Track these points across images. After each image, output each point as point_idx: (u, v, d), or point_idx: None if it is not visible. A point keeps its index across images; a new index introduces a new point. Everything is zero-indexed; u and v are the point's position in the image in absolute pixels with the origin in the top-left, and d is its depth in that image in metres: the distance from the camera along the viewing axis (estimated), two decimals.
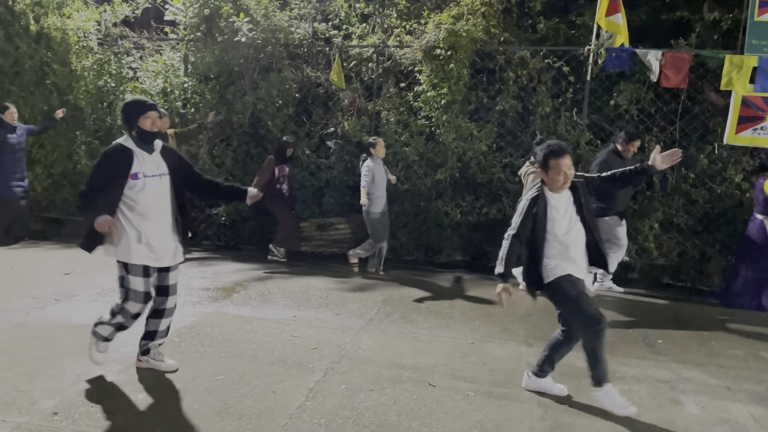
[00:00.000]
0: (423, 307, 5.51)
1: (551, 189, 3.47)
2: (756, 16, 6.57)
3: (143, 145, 3.50)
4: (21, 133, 7.56)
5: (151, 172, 3.49)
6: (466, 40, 7.04)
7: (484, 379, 3.93)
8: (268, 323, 4.80)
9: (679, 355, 4.58)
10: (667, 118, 7.13)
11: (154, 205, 3.50)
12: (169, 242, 3.59)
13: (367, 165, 6.60)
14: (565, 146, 3.47)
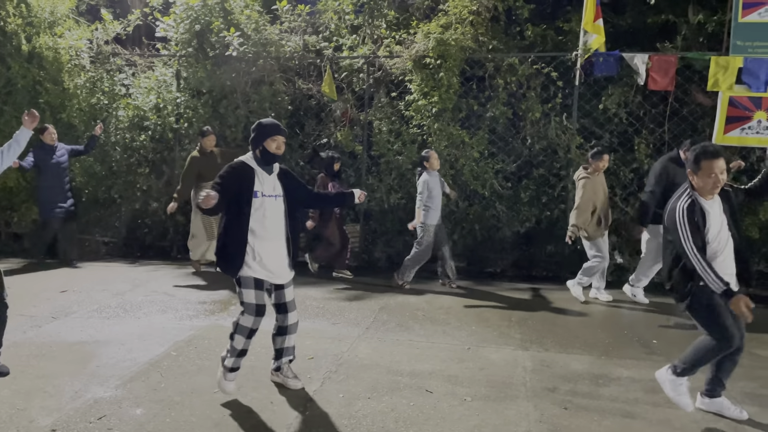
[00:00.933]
0: (419, 314, 5.54)
1: (701, 194, 3.32)
2: (740, 18, 6.66)
3: (264, 166, 3.59)
4: (62, 153, 7.35)
5: (269, 192, 3.57)
6: (455, 49, 7.12)
7: (481, 383, 3.96)
8: (265, 335, 4.76)
9: (674, 354, 4.57)
10: (655, 120, 7.21)
11: (269, 224, 3.57)
12: (281, 261, 3.64)
13: (424, 179, 6.41)
14: (720, 149, 3.36)
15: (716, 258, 3.30)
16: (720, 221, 3.34)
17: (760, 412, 3.59)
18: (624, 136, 7.30)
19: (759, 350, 4.74)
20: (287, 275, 3.69)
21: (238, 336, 3.61)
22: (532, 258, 7.54)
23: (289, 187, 3.69)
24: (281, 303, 3.71)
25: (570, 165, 7.16)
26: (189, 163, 6.78)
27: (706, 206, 3.32)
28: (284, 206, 3.64)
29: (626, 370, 4.25)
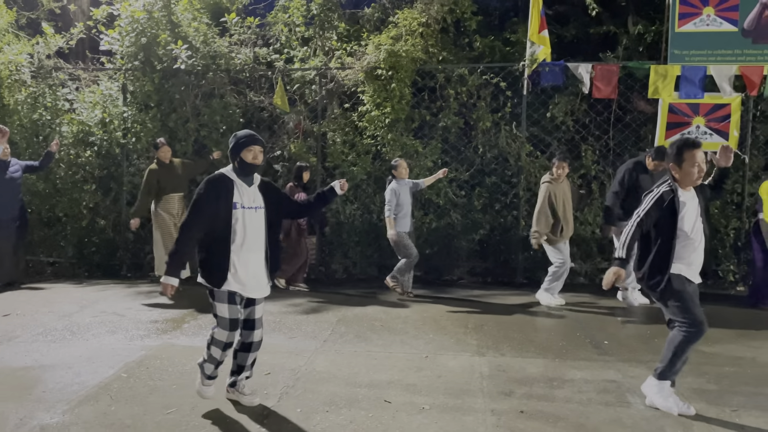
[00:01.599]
0: (377, 325, 5.53)
1: (682, 185, 3.50)
2: (677, 28, 6.98)
3: (243, 177, 3.55)
4: (16, 169, 7.05)
5: (249, 204, 3.53)
6: (406, 60, 7.20)
7: (438, 391, 3.97)
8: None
9: (625, 354, 4.74)
10: (600, 127, 7.45)
11: (249, 236, 3.52)
12: (258, 274, 3.58)
13: (391, 188, 6.42)
14: (700, 141, 3.54)
15: (692, 248, 3.49)
16: (696, 213, 3.51)
17: (707, 408, 3.72)
18: (571, 144, 7.51)
19: (704, 347, 4.91)
20: (263, 290, 3.62)
21: (214, 347, 3.59)
22: (487, 265, 7.65)
23: (270, 198, 3.63)
24: (250, 319, 3.65)
25: (521, 172, 7.33)
26: (147, 176, 6.66)
27: (684, 197, 3.49)
28: (265, 218, 3.59)
29: (579, 372, 4.34)
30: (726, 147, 3.56)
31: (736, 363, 4.54)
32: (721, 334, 5.26)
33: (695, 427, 3.45)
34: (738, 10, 6.85)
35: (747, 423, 3.49)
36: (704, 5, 6.88)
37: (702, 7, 6.89)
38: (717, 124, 6.93)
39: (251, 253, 3.54)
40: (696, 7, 6.89)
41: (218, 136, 7.58)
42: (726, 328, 5.44)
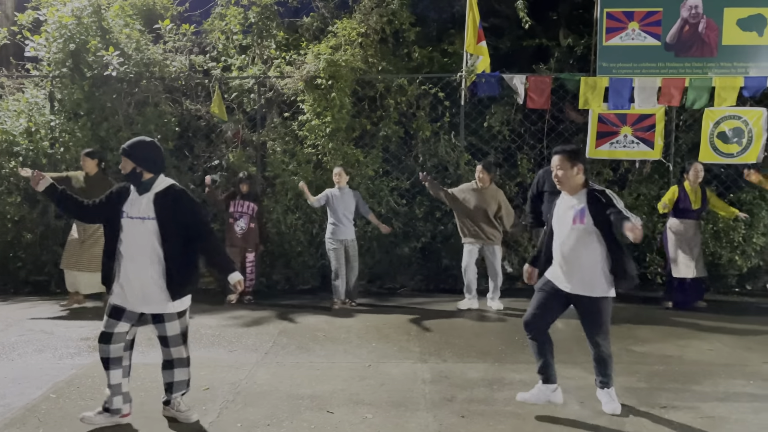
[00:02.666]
0: (320, 335, 5.48)
1: (562, 189, 3.72)
2: (604, 42, 7.31)
3: (135, 187, 3.50)
4: None
5: (135, 214, 3.44)
6: (345, 70, 7.22)
7: (382, 400, 3.97)
8: (156, 368, 4.52)
9: (561, 356, 4.84)
10: (535, 136, 7.69)
11: (134, 247, 3.43)
12: (146, 288, 3.42)
13: (327, 191, 6.55)
14: (561, 148, 3.69)
15: (558, 253, 3.69)
16: (564, 215, 3.65)
17: (638, 405, 3.88)
18: (508, 152, 7.71)
19: (635, 347, 5.14)
20: (156, 305, 3.44)
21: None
22: (429, 272, 7.72)
23: (164, 210, 3.43)
24: (161, 336, 3.55)
25: (460, 181, 7.44)
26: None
27: (563, 201, 3.72)
28: (156, 230, 3.41)
29: (518, 375, 4.44)
30: (633, 227, 3.29)
31: (664, 361, 4.75)
32: (651, 334, 5.51)
33: (627, 425, 3.59)
34: (661, 25, 7.24)
35: (675, 419, 3.66)
36: (629, 20, 7.24)
37: (627, 21, 7.24)
38: (643, 134, 7.28)
39: (135, 265, 3.42)
40: (622, 21, 7.24)
41: None
42: (655, 328, 5.69)
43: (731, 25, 7.16)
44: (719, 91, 7.10)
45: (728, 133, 7.17)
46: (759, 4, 7.10)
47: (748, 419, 3.64)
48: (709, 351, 5.02)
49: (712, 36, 7.17)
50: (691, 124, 7.56)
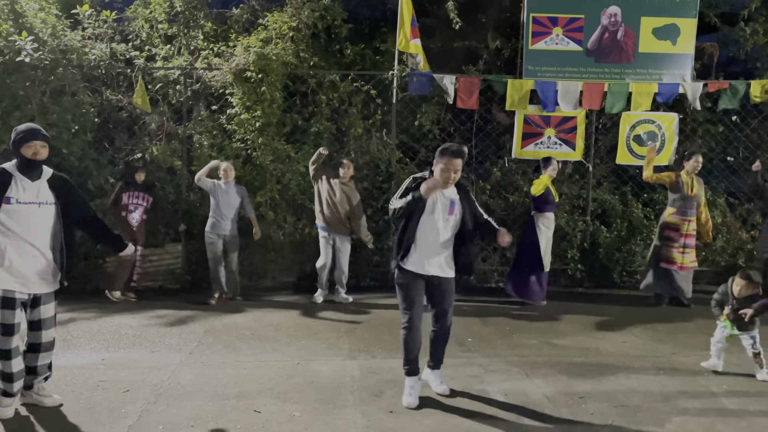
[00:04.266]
0: (247, 334, 5.38)
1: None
2: (530, 45, 7.54)
3: (26, 172, 3.48)
4: None
5: (29, 199, 3.45)
6: (276, 64, 7.11)
7: (310, 397, 3.94)
8: (72, 370, 4.35)
9: (486, 350, 5.02)
10: (464, 136, 7.84)
11: (29, 232, 3.44)
12: (40, 269, 3.49)
13: (215, 181, 6.48)
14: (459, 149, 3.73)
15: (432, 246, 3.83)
16: (437, 209, 3.78)
17: (557, 396, 4.03)
18: None
19: (556, 340, 5.34)
20: (47, 285, 3.55)
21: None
22: (359, 269, 7.73)
23: (60, 196, 3.58)
24: (35, 320, 3.57)
25: (392, 178, 7.50)
26: None
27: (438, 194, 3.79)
28: (54, 214, 3.54)
29: (445, 369, 4.49)
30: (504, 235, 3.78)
31: (582, 354, 4.96)
32: (570, 328, 5.74)
33: (547, 415, 3.72)
34: (583, 31, 7.54)
35: (592, 408, 3.83)
36: (554, 25, 7.50)
37: (552, 27, 7.50)
38: (565, 135, 7.57)
39: (31, 248, 3.46)
40: (547, 26, 7.49)
41: (69, 136, 6.97)
42: (575, 322, 5.93)
43: (647, 34, 7.56)
44: (635, 96, 7.48)
45: (643, 136, 7.58)
46: (673, 15, 7.53)
47: (658, 407, 3.86)
48: (624, 343, 5.29)
49: (630, 43, 7.54)
50: (610, 127, 7.93)
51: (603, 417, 3.69)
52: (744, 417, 3.72)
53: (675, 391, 4.15)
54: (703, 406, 3.90)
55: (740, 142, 8.09)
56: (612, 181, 8.04)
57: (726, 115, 8.14)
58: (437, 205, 3.79)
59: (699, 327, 5.83)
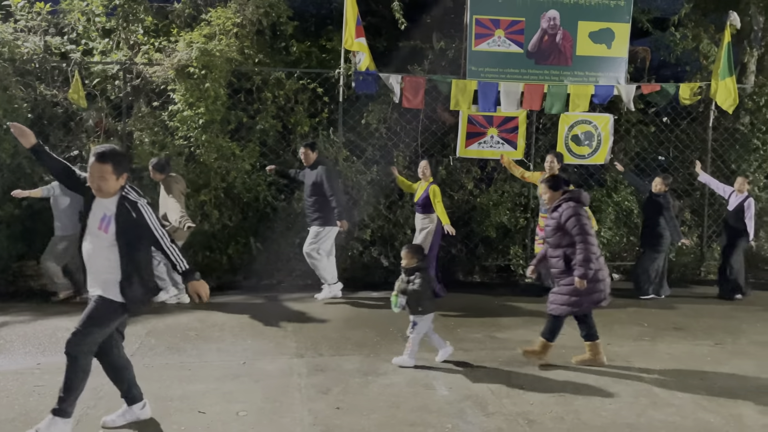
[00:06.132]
0: (191, 335, 5.29)
1: None
2: (473, 47, 7.69)
3: None
4: None
5: None
6: (220, 60, 7.00)
7: (256, 397, 3.93)
8: (6, 375, 4.19)
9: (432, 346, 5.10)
10: (410, 135, 7.94)
11: None
12: None
13: (53, 184, 6.27)
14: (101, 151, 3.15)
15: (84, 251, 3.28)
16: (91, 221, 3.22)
17: (499, 388, 4.16)
18: (385, 149, 7.89)
19: (499, 334, 5.50)
20: None
21: None
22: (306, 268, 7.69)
23: None
24: None
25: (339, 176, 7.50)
26: None
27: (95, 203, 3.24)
28: None
29: (392, 364, 4.58)
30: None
31: (524, 346, 5.11)
32: (513, 322, 5.92)
33: (490, 406, 3.84)
34: (523, 33, 7.76)
35: (532, 399, 3.98)
36: (496, 27, 7.68)
37: (494, 29, 7.68)
38: (507, 135, 7.78)
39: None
40: (489, 28, 7.67)
41: (1, 132, 6.66)
42: (517, 316, 6.11)
43: (584, 38, 7.84)
44: (573, 97, 7.75)
45: (580, 136, 7.87)
46: (608, 19, 7.84)
47: (594, 395, 4.04)
48: (562, 335, 5.45)
49: (568, 46, 7.81)
50: (549, 127, 8.19)
51: (543, 407, 3.84)
52: (672, 403, 3.94)
53: (609, 380, 4.35)
54: (635, 393, 4.10)
55: (671, 142, 8.51)
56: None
57: (657, 116, 8.56)
58: (91, 217, 3.23)
59: (633, 318, 6.13)
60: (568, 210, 4.47)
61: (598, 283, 4.47)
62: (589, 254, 4.36)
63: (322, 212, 6.56)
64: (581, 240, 4.38)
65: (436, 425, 3.55)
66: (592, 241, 4.42)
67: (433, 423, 3.58)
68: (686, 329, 5.75)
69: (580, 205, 4.53)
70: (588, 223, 4.49)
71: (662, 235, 6.99)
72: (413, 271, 4.55)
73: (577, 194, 4.59)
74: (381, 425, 3.55)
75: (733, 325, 5.90)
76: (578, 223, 4.41)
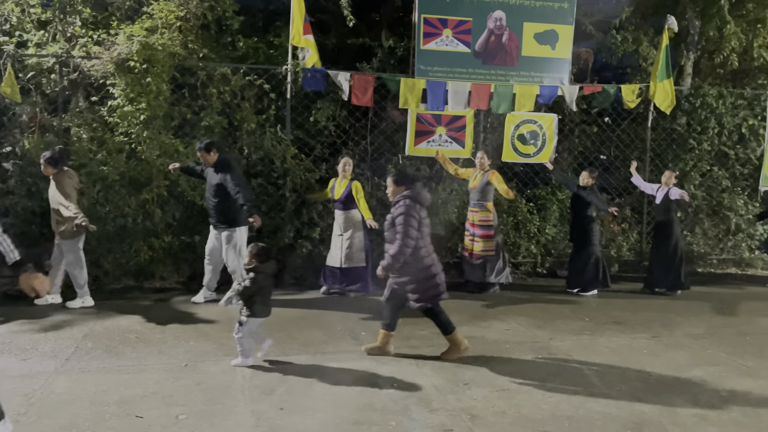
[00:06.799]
0: (131, 337, 5.12)
1: None
2: (422, 45, 7.73)
3: None
4: None
5: None
6: (162, 54, 6.80)
7: (197, 399, 3.84)
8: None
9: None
10: (359, 133, 7.93)
11: None
12: None
13: None
14: None
15: None
16: None
17: (444, 384, 4.19)
18: (334, 147, 7.85)
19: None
20: None
21: None
22: None
23: None
24: None
25: (287, 174, 7.42)
26: None
27: None
28: None
29: (338, 363, 4.56)
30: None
31: (469, 342, 5.16)
32: (459, 318, 5.90)
33: (434, 402, 3.87)
34: (471, 33, 7.85)
35: (475, 394, 4.02)
36: (444, 27, 7.75)
37: (442, 28, 7.74)
38: (455, 133, 7.86)
39: None
40: (437, 28, 7.72)
41: None
42: (464, 313, 6.16)
43: (530, 39, 7.99)
44: (519, 97, 7.90)
45: (526, 135, 8.02)
46: (552, 21, 8.01)
47: (536, 390, 4.12)
48: (507, 330, 5.59)
49: (514, 47, 7.95)
50: (496, 126, 8.31)
51: (486, 402, 3.89)
52: (610, 395, 4.06)
53: (551, 374, 4.44)
54: (575, 386, 4.20)
55: (612, 141, 8.77)
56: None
57: (600, 116, 8.81)
58: None
59: (575, 313, 6.29)
60: (401, 208, 4.55)
61: (434, 278, 4.61)
62: (400, 253, 4.46)
63: (229, 213, 6.20)
64: (400, 237, 4.48)
65: (380, 423, 3.55)
66: (409, 243, 4.49)
67: (377, 421, 3.57)
68: (625, 323, 5.94)
69: (416, 204, 4.58)
70: (414, 226, 4.51)
71: (593, 228, 7.19)
72: (249, 271, 4.50)
73: (415, 194, 4.62)
74: (325, 425, 3.52)
75: (669, 319, 6.13)
76: (404, 222, 4.49)
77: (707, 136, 8.81)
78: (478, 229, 7.04)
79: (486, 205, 7.04)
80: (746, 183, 9.12)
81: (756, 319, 6.22)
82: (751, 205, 8.98)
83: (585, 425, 3.58)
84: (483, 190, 7.02)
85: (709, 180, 8.97)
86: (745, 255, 9.11)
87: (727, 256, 9.12)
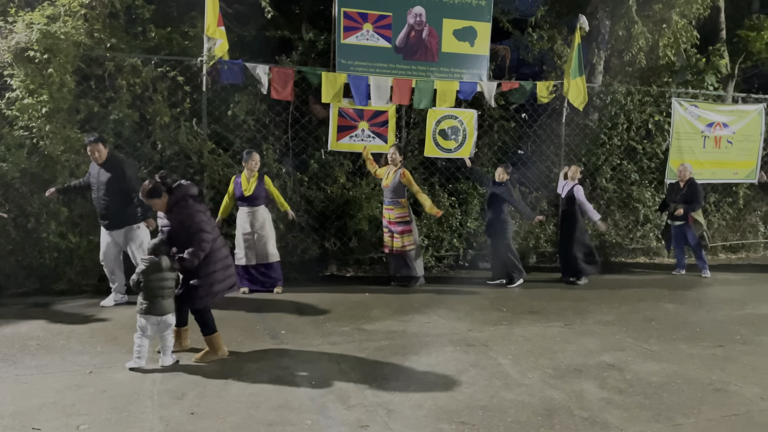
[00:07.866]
0: (32, 344, 4.80)
1: None
2: (342, 39, 7.66)
3: None
4: None
5: None
6: (66, 44, 6.39)
7: (101, 408, 3.63)
8: None
9: (299, 341, 5.03)
10: (280, 127, 7.77)
11: None
12: None
13: None
14: None
15: None
16: None
17: (363, 378, 4.17)
18: (253, 142, 7.65)
19: (366, 326, 5.52)
20: None
21: None
22: None
23: None
24: None
25: (204, 170, 7.18)
26: None
27: None
28: None
29: (255, 363, 4.45)
30: None
31: (389, 336, 5.19)
32: (382, 313, 5.97)
33: (352, 399, 3.83)
34: (391, 28, 7.85)
35: (393, 388, 4.02)
36: (364, 21, 7.70)
37: (362, 22, 7.70)
38: (378, 128, 7.84)
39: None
40: (357, 22, 7.67)
41: None
42: (387, 308, 6.18)
43: (449, 35, 8.09)
44: (440, 93, 7.98)
45: (447, 130, 8.12)
46: (471, 18, 8.13)
47: (452, 381, 4.17)
48: (428, 323, 5.64)
49: (434, 43, 8.02)
50: (419, 121, 8.37)
51: (403, 395, 3.89)
52: (523, 383, 4.17)
53: (468, 365, 4.51)
54: (490, 376, 4.29)
55: (529, 137, 9.03)
56: (421, 173, 8.49)
57: (518, 112, 9.04)
58: None
59: (494, 304, 6.43)
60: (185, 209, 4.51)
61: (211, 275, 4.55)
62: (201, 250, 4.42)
63: (126, 209, 5.95)
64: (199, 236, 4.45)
65: (296, 422, 3.48)
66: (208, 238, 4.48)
67: (293, 420, 3.51)
68: (540, 312, 6.13)
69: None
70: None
71: (507, 221, 7.41)
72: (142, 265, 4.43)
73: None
74: (237, 427, 3.42)
75: (582, 307, 6.38)
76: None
77: (617, 131, 9.24)
78: (396, 225, 7.08)
79: (401, 201, 7.10)
80: (653, 176, 9.62)
81: (661, 305, 6.57)
82: (657, 197, 9.48)
83: (498, 414, 3.65)
84: (396, 189, 7.08)
85: (619, 173, 9.40)
86: (653, 244, 9.63)
87: (637, 245, 9.61)
